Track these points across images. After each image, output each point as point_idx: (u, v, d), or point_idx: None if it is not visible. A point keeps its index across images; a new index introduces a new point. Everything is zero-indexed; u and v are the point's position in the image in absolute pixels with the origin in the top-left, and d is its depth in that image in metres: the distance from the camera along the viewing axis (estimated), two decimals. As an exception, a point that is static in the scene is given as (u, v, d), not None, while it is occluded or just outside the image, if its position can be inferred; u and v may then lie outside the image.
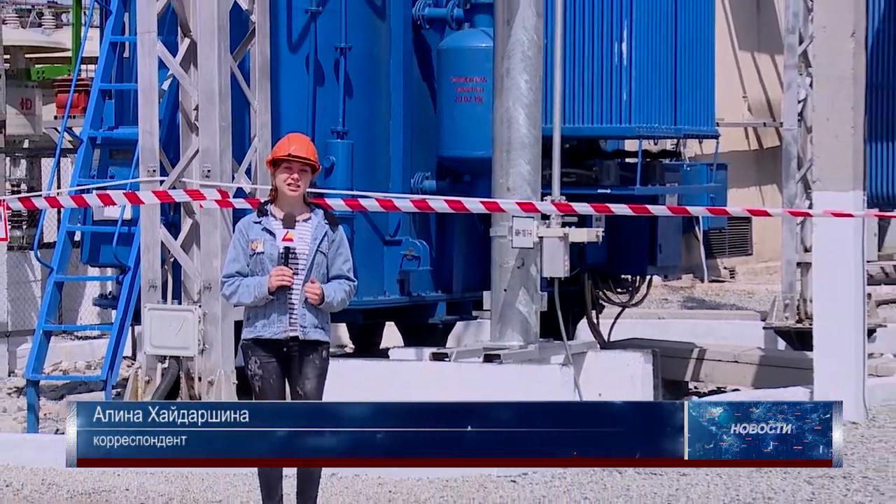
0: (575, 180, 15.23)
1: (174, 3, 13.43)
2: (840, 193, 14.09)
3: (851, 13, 14.11)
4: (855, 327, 14.08)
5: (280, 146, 9.75)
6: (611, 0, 15.29)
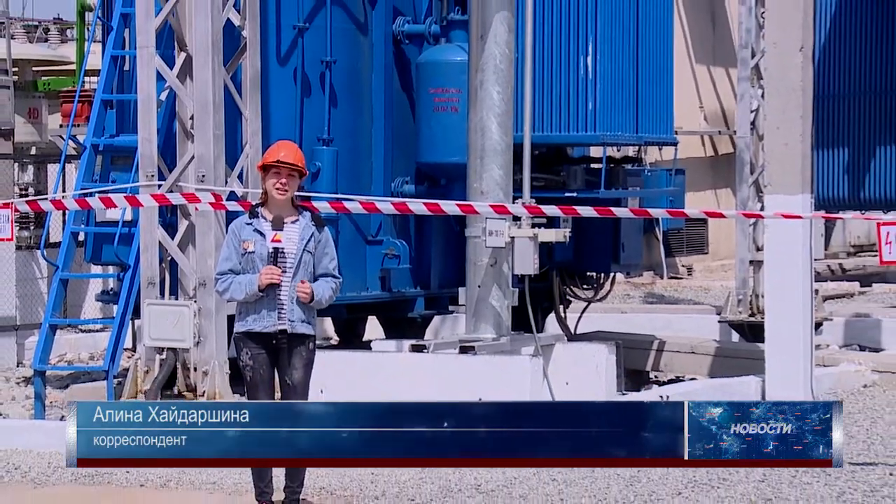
0: (544, 184, 15.25)
1: (171, 20, 13.42)
2: (789, 196, 14.12)
3: (800, 30, 14.14)
4: (803, 321, 14.11)
5: (270, 153, 9.76)
6: (577, 17, 15.31)
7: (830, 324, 18.53)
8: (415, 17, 15.33)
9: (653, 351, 17.12)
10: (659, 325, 18.60)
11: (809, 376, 14.15)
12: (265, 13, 14.05)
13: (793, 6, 14.17)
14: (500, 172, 13.99)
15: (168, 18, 13.42)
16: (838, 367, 15.79)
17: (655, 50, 16.10)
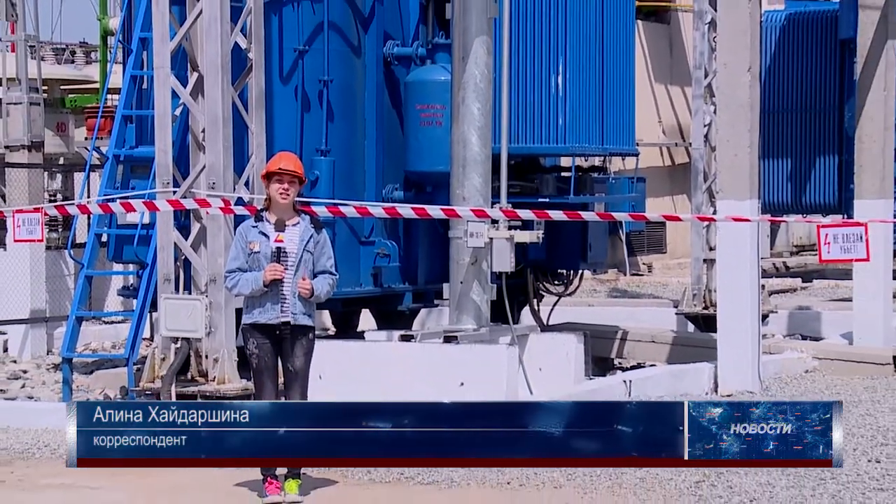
0: (519, 191, 15.23)
1: (184, 44, 13.40)
2: (739, 202, 14.12)
3: (748, 52, 14.15)
4: (751, 313, 14.11)
5: (273, 162, 9.78)
6: (548, 40, 15.31)
7: (775, 316, 18.55)
8: (403, 40, 15.32)
9: (617, 340, 17.12)
10: (622, 317, 18.59)
11: (757, 363, 14.16)
12: (269, 37, 14.03)
13: (741, 31, 14.17)
14: (479, 180, 13.98)
15: (182, 42, 13.40)
16: (782, 354, 15.79)
17: (619, 70, 16.10)
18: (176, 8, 13.52)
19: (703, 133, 18.87)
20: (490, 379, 13.06)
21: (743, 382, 14.02)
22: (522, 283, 16.01)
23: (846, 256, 12.35)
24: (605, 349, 16.93)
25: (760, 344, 14.42)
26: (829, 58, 25.19)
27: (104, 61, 23.40)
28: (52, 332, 18.19)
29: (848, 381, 14.85)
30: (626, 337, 17.16)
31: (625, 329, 17.33)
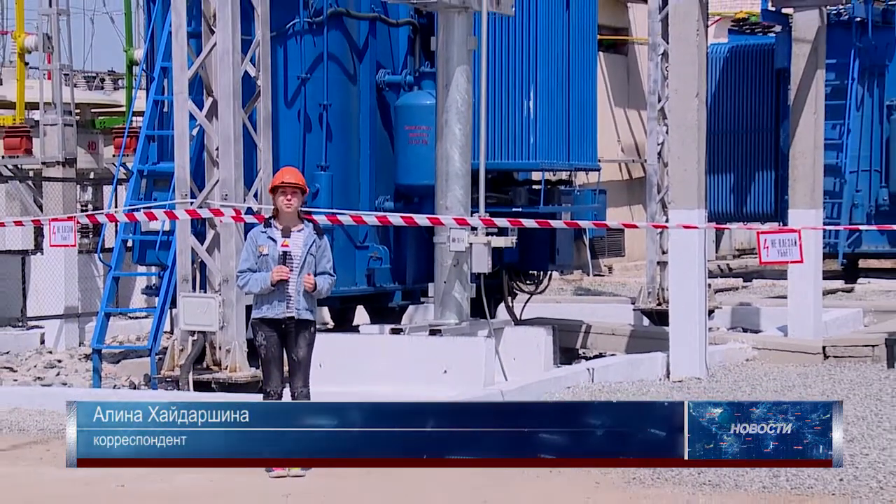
0: (495, 202, 15.23)
1: (201, 72, 13.38)
2: (688, 211, 14.13)
3: (696, 80, 14.16)
4: (699, 309, 14.12)
5: (279, 176, 9.77)
6: (521, 69, 15.33)
7: (720, 311, 18.56)
8: (393, 69, 15.30)
9: (581, 333, 17.12)
10: (586, 313, 18.58)
11: (704, 352, 14.17)
12: (275, 66, 14.01)
13: (689, 62, 14.18)
14: (461, 192, 13.98)
15: (198, 71, 13.38)
16: (726, 344, 15.81)
17: (583, 95, 16.12)
18: (193, 41, 13.52)
19: (656, 151, 18.87)
20: (470, 367, 13.06)
21: (691, 369, 14.03)
22: (498, 282, 16.00)
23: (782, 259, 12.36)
24: (570, 341, 16.92)
25: (707, 336, 14.43)
26: (767, 85, 25.28)
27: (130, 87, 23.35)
28: (83, 326, 18.14)
29: (783, 369, 14.87)
30: (590, 330, 17.17)
31: (588, 323, 17.33)
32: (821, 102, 16.60)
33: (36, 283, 18.38)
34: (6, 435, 11.40)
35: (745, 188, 25.56)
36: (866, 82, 24.37)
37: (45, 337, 18.24)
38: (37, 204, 20.10)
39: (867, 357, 15.33)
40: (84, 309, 18.26)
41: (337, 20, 14.57)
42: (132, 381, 14.71)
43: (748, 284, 23.96)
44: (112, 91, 30.87)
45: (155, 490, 9.07)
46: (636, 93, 29.07)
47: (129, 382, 14.73)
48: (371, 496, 8.99)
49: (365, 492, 9.04)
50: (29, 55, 23.74)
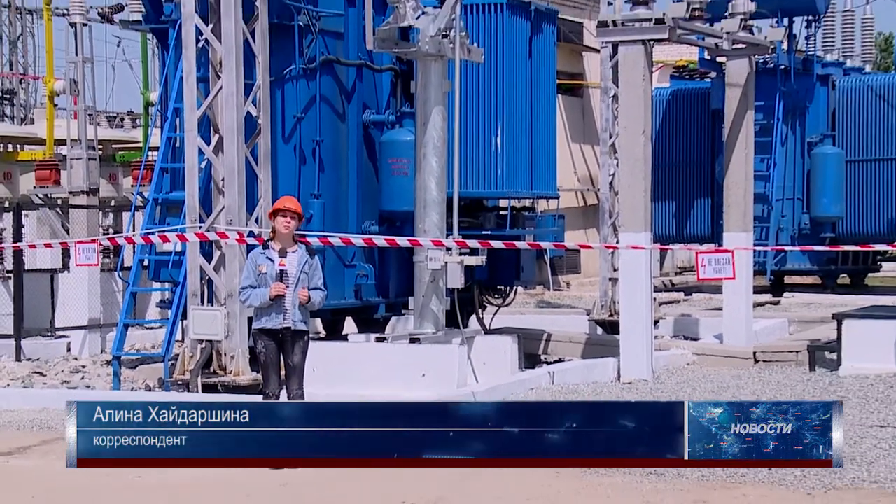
0: (467, 225, 15.21)
1: (208, 112, 13.34)
2: (636, 234, 14.15)
3: (642, 119, 14.20)
4: (645, 319, 14.13)
5: (279, 202, 9.78)
6: (490, 109, 15.34)
7: (664, 321, 18.58)
8: (378, 109, 15.27)
9: (543, 341, 17.10)
10: (547, 323, 18.58)
11: (650, 357, 14.18)
12: (274, 107, 13.98)
13: (636, 103, 14.21)
14: (437, 217, 13.95)
15: (206, 111, 13.34)
16: (669, 351, 15.82)
17: (544, 132, 16.13)
18: (202, 84, 13.49)
19: (608, 181, 18.91)
20: (445, 371, 13.02)
21: (639, 372, 14.02)
22: (470, 296, 15.97)
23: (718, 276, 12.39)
24: (533, 348, 16.90)
25: (652, 343, 14.44)
26: (704, 124, 25.38)
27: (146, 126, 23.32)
28: (105, 335, 18.02)
29: (719, 371, 14.88)
30: (550, 338, 17.15)
31: (549, 332, 17.32)
32: (750, 139, 16.67)
33: (63, 298, 18.28)
34: (37, 432, 11.32)
35: (685, 214, 25.63)
36: (790, 122, 24.49)
37: (71, 345, 18.13)
38: (64, 228, 20.02)
39: (792, 361, 15.36)
40: (105, 320, 18.16)
41: (328, 66, 14.55)
42: (148, 384, 14.61)
43: (688, 298, 24.01)
44: (131, 129, 30.79)
45: (164, 478, 8.98)
46: (590, 130, 29.14)
47: (144, 385, 14.63)
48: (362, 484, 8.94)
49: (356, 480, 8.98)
50: (57, 98, 23.73)
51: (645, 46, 14.11)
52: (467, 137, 15.11)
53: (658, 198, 21.94)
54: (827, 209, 24.28)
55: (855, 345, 14.00)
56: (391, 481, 8.81)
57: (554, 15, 16.36)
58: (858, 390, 12.85)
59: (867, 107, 24.81)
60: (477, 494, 8.71)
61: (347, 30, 14.76)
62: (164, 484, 8.97)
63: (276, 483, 8.92)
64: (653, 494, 8.62)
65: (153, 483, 8.99)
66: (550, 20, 16.17)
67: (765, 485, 8.78)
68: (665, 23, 14.01)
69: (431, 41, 13.67)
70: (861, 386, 13.10)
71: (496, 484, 8.84)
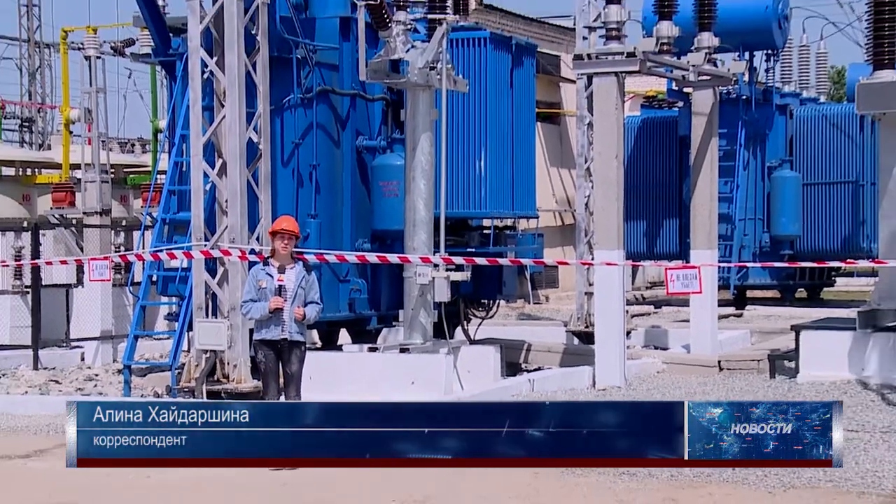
0: (453, 243, 15.19)
1: (213, 138, 13.30)
2: (609, 251, 14.15)
3: (615, 145, 14.22)
4: (618, 330, 14.13)
5: (278, 223, 9.76)
6: (474, 136, 15.34)
7: (636, 332, 18.58)
8: (370, 135, 15.27)
9: (523, 350, 17.07)
10: (527, 334, 18.56)
11: (623, 366, 14.16)
12: (274, 134, 13.95)
13: (609, 130, 14.24)
14: (425, 236, 13.94)
15: (211, 137, 13.31)
16: (641, 359, 15.82)
17: (524, 157, 16.14)
18: (207, 113, 13.46)
19: (584, 202, 18.93)
20: (433, 378, 12.99)
21: (613, 380, 14.01)
22: (456, 309, 15.95)
23: (685, 290, 12.39)
24: (514, 357, 16.88)
25: (625, 352, 14.42)
26: (672, 149, 25.44)
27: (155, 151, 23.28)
28: (116, 346, 17.95)
29: (687, 379, 14.87)
30: (530, 348, 17.13)
31: (529, 342, 17.29)
32: (715, 164, 16.71)
33: (77, 311, 18.21)
34: (52, 436, 11.25)
35: (655, 232, 25.66)
36: (751, 148, 24.57)
37: (84, 355, 18.05)
38: (78, 246, 19.95)
39: (754, 369, 15.37)
40: (117, 332, 18.09)
41: (324, 96, 14.55)
42: (156, 391, 14.54)
43: (658, 311, 24.01)
44: (140, 154, 30.75)
45: (169, 478, 8.93)
46: (567, 155, 29.20)
47: (153, 392, 14.56)
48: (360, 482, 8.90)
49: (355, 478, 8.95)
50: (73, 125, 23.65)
51: (617, 78, 14.13)
52: (453, 162, 15.11)
53: (630, 218, 21.92)
54: (785, 228, 24.35)
55: (812, 354, 14.01)
56: (383, 481, 8.77)
57: (533, 48, 16.39)
58: (815, 396, 12.85)
59: (822, 134, 24.94)
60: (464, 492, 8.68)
61: (342, 62, 14.76)
62: (180, 484, 8.91)
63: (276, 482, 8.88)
64: (625, 493, 8.60)
65: (160, 482, 8.93)
66: (530, 53, 16.20)
67: (729, 484, 8.77)
68: (636, 56, 14.04)
69: (420, 73, 13.69)
70: (817, 392, 13.10)
71: (482, 484, 8.81)
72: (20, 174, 25.98)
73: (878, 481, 8.70)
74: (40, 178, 25.36)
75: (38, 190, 24.53)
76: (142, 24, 15.37)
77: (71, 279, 18.91)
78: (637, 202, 24.88)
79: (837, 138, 24.80)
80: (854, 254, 23.89)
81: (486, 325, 17.18)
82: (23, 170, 26.29)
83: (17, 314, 18.23)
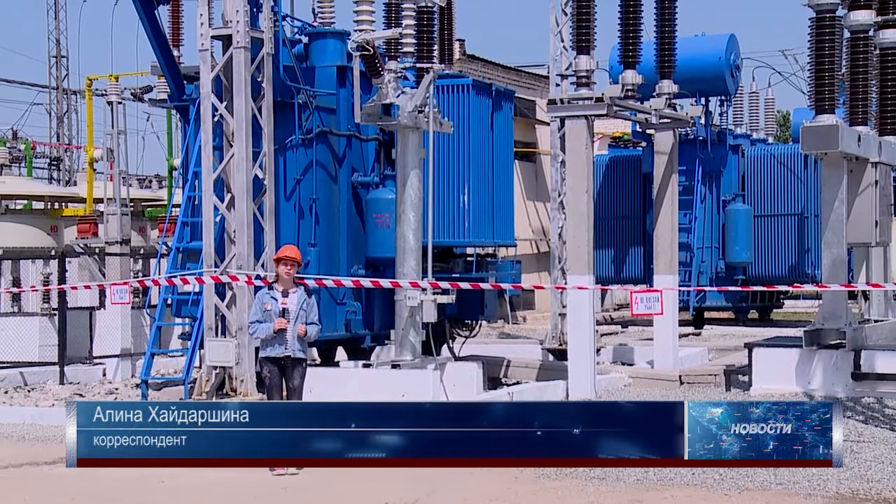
0: (439, 269, 15.16)
1: (222, 175, 13.29)
2: (581, 276, 14.14)
3: (586, 180, 14.24)
4: (589, 348, 14.10)
5: (281, 251, 9.73)
6: (458, 172, 15.35)
7: (605, 349, 18.53)
8: (364, 172, 15.26)
9: (503, 366, 17.01)
10: (507, 351, 18.51)
11: (593, 380, 14.13)
12: (277, 171, 13.95)
13: (580, 167, 14.25)
14: (414, 263, 13.91)
15: (221, 174, 13.29)
16: (609, 374, 15.76)
17: (503, 191, 16.14)
18: (217, 152, 13.45)
19: (557, 232, 18.94)
20: (421, 392, 12.93)
21: (584, 392, 13.97)
22: (442, 329, 15.89)
23: (649, 311, 12.38)
24: (495, 372, 16.81)
25: (595, 368, 14.39)
26: (636, 184, 25.51)
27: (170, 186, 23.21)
28: (135, 363, 17.84)
29: (651, 391, 14.83)
30: (509, 364, 17.07)
31: (508, 359, 17.24)
32: (675, 198, 16.74)
33: (100, 331, 18.11)
34: (74, 445, 11.10)
35: (622, 259, 25.69)
36: (707, 183, 24.67)
37: (106, 371, 17.93)
38: (101, 272, 19.87)
39: (711, 383, 15.34)
40: (135, 350, 17.98)
41: (323, 137, 14.56)
42: (170, 404, 14.44)
43: (625, 330, 24.00)
44: (157, 189, 30.69)
45: (179, 483, 8.85)
46: (542, 189, 29.24)
47: (168, 405, 14.45)
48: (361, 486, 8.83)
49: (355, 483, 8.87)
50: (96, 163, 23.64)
51: (587, 121, 14.18)
52: (439, 195, 15.11)
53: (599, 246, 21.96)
54: (739, 256, 24.43)
55: (763, 369, 14.00)
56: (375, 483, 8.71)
57: (511, 94, 16.44)
58: (767, 406, 12.82)
59: (770, 171, 25.08)
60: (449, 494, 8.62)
61: (339, 106, 14.78)
62: (197, 486, 8.83)
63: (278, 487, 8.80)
64: (596, 496, 8.55)
65: (177, 485, 8.86)
66: (508, 98, 16.25)
67: (690, 487, 8.73)
68: (604, 101, 14.09)
69: (409, 116, 13.71)
70: (769, 403, 13.07)
71: (463, 485, 8.75)
72: (48, 208, 25.93)
73: (823, 484, 8.69)
74: (67, 212, 25.32)
75: (65, 222, 24.50)
76: (159, 72, 15.37)
77: (94, 302, 18.81)
78: (606, 232, 24.94)
79: (784, 175, 24.94)
80: (800, 279, 24.00)
81: (469, 343, 17.13)
82: (51, 204, 26.24)
83: (45, 334, 18.14)
